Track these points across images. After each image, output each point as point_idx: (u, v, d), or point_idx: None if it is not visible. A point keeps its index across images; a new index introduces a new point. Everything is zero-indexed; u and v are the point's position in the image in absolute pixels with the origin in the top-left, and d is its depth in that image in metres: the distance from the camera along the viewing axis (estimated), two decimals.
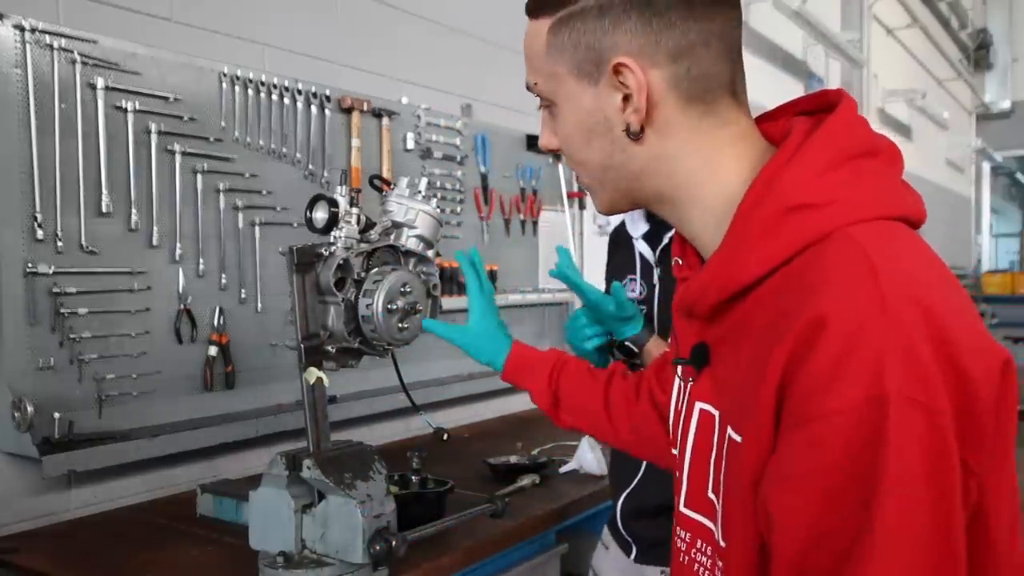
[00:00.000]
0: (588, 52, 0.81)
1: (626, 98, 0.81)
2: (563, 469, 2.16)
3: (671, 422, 0.98)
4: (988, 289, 10.79)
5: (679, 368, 0.93)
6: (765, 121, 0.88)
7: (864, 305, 0.66)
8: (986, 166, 13.09)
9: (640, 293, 1.67)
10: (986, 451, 0.66)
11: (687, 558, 0.86)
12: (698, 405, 0.86)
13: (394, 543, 1.35)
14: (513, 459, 2.20)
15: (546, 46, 0.84)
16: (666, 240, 1.59)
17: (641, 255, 1.67)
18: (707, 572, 0.83)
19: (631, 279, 1.69)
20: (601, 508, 2.01)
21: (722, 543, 0.78)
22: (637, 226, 1.68)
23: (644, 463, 1.61)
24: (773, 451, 0.70)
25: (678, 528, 0.88)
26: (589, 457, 2.14)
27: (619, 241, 1.78)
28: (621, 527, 1.66)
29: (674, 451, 0.95)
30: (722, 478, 0.79)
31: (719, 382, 0.83)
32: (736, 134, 0.83)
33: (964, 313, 0.70)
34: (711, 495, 0.82)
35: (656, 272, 1.63)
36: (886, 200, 0.77)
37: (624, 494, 1.66)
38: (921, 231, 0.81)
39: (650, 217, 1.66)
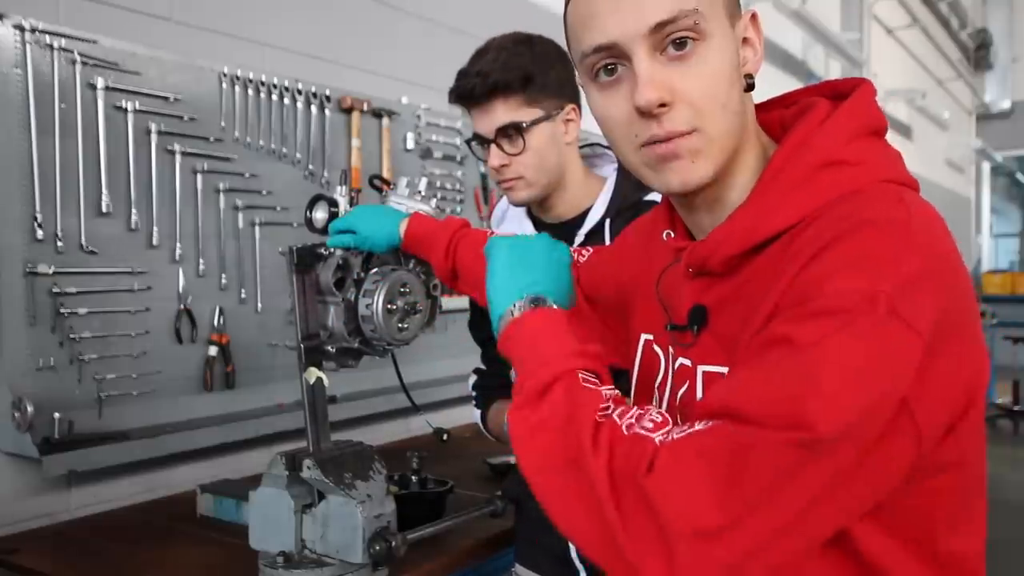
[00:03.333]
0: None
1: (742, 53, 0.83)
2: None
3: (634, 385, 0.98)
4: (988, 289, 10.80)
5: (653, 336, 0.94)
6: (758, 111, 0.90)
7: (894, 231, 0.70)
8: (986, 166, 13.09)
9: None
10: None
11: None
12: (701, 369, 0.85)
13: (394, 543, 1.35)
14: (513, 459, 2.20)
15: None
16: (580, 239, 1.50)
17: None
18: None
19: None
20: None
21: None
22: (526, 231, 1.58)
23: None
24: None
25: None
26: None
27: None
28: (576, 558, 1.51)
29: None
30: None
31: (725, 340, 0.82)
32: (752, 101, 0.88)
33: (967, 276, 0.76)
34: None
35: None
36: (903, 169, 0.82)
37: None
38: None
39: (535, 221, 1.58)
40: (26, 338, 1.80)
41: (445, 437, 1.62)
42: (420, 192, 1.52)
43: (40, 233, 1.82)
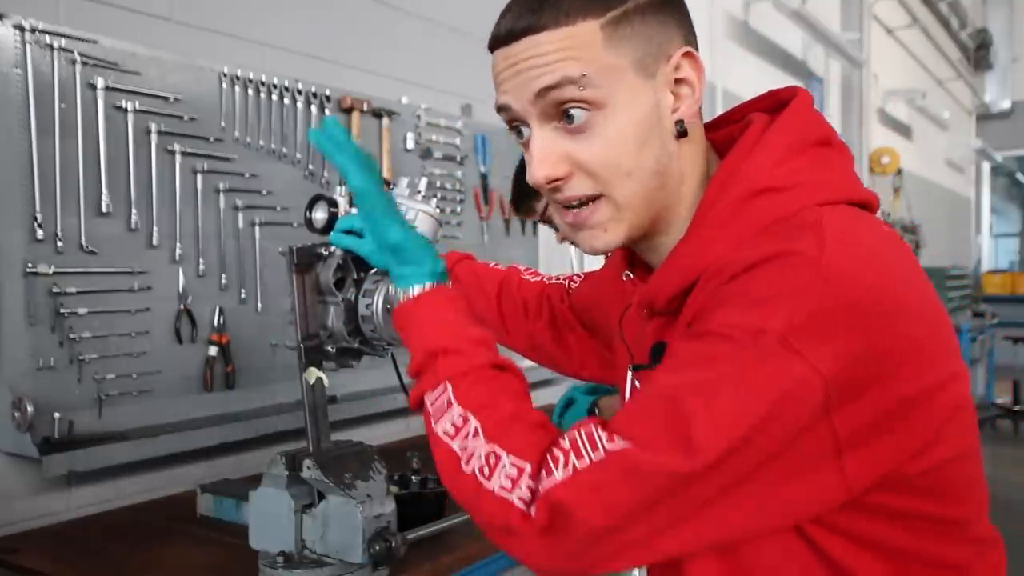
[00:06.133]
0: (649, 44, 0.79)
1: (676, 93, 0.80)
2: None
3: None
4: (988, 289, 10.80)
5: (632, 374, 0.92)
6: (710, 130, 0.89)
7: (797, 265, 0.67)
8: (986, 166, 13.09)
9: None
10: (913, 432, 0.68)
11: None
12: None
13: (394, 543, 1.35)
14: None
15: (603, 40, 0.77)
16: None
17: None
18: None
19: None
20: None
21: None
22: None
23: None
24: None
25: None
26: None
27: None
28: None
29: None
30: None
31: None
32: (703, 137, 0.86)
33: (921, 302, 0.71)
34: None
35: None
36: (848, 185, 0.78)
37: None
38: (922, 231, 0.82)
39: None
40: (26, 338, 1.80)
41: None
42: (420, 192, 1.51)
43: (40, 233, 1.81)
